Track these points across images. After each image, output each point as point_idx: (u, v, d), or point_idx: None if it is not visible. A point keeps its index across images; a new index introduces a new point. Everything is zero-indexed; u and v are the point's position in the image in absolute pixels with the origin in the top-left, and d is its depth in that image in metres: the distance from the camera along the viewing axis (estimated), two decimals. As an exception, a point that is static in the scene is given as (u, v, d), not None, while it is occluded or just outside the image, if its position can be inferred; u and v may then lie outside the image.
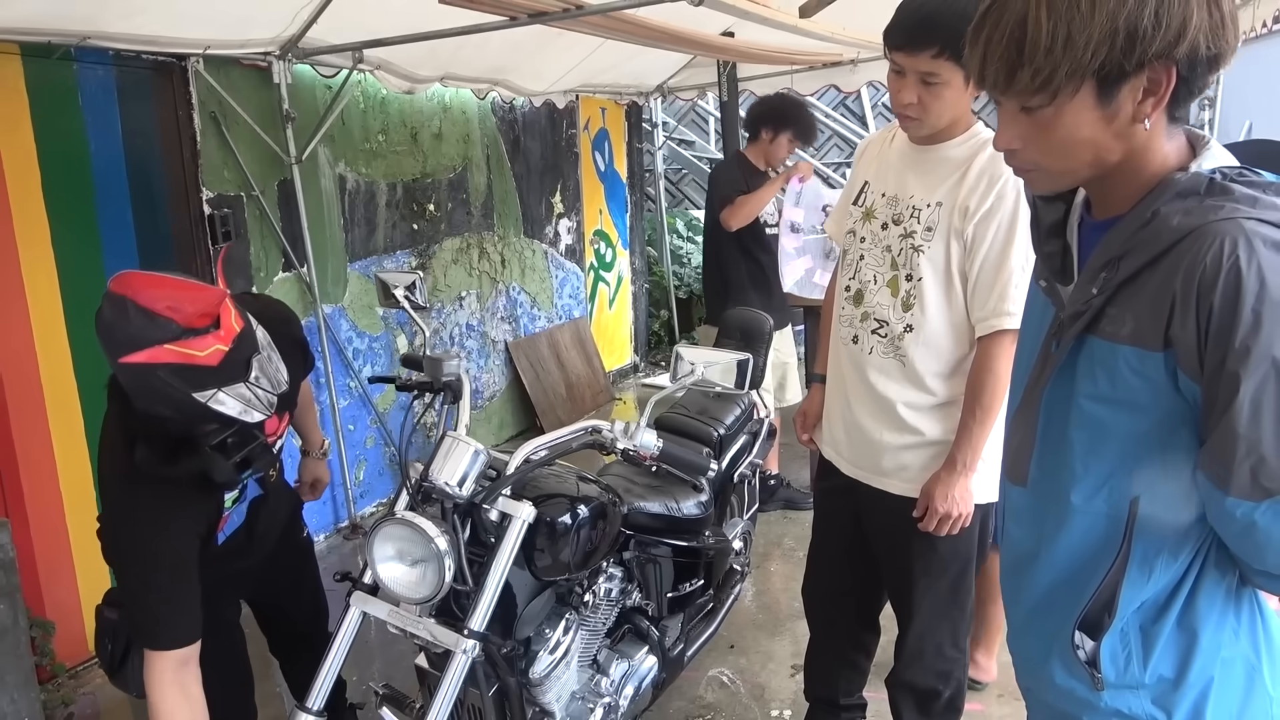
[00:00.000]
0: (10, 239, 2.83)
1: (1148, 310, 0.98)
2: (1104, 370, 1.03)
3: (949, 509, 1.84)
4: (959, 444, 1.84)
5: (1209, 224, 0.94)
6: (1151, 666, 1.08)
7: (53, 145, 2.93)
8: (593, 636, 2.16)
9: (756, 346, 2.82)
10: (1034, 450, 1.14)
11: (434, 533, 1.60)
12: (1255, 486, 0.92)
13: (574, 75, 5.11)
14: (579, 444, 1.81)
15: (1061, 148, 1.01)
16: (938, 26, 1.63)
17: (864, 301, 1.95)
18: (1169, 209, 0.98)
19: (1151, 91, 0.95)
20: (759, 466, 2.92)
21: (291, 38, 3.52)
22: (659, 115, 6.99)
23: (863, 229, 1.97)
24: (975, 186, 1.78)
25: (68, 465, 3.01)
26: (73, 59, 2.96)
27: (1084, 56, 0.93)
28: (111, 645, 1.78)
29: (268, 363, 1.52)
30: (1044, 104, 0.98)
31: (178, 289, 1.40)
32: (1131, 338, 0.99)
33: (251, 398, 1.47)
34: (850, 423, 2.03)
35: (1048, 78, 0.95)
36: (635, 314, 6.74)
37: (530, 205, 5.44)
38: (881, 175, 1.96)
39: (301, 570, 2.18)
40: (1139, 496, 1.04)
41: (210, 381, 1.41)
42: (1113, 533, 1.07)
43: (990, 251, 1.77)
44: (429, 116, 4.57)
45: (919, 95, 1.73)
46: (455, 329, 4.87)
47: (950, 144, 1.83)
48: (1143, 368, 0.99)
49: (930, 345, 1.87)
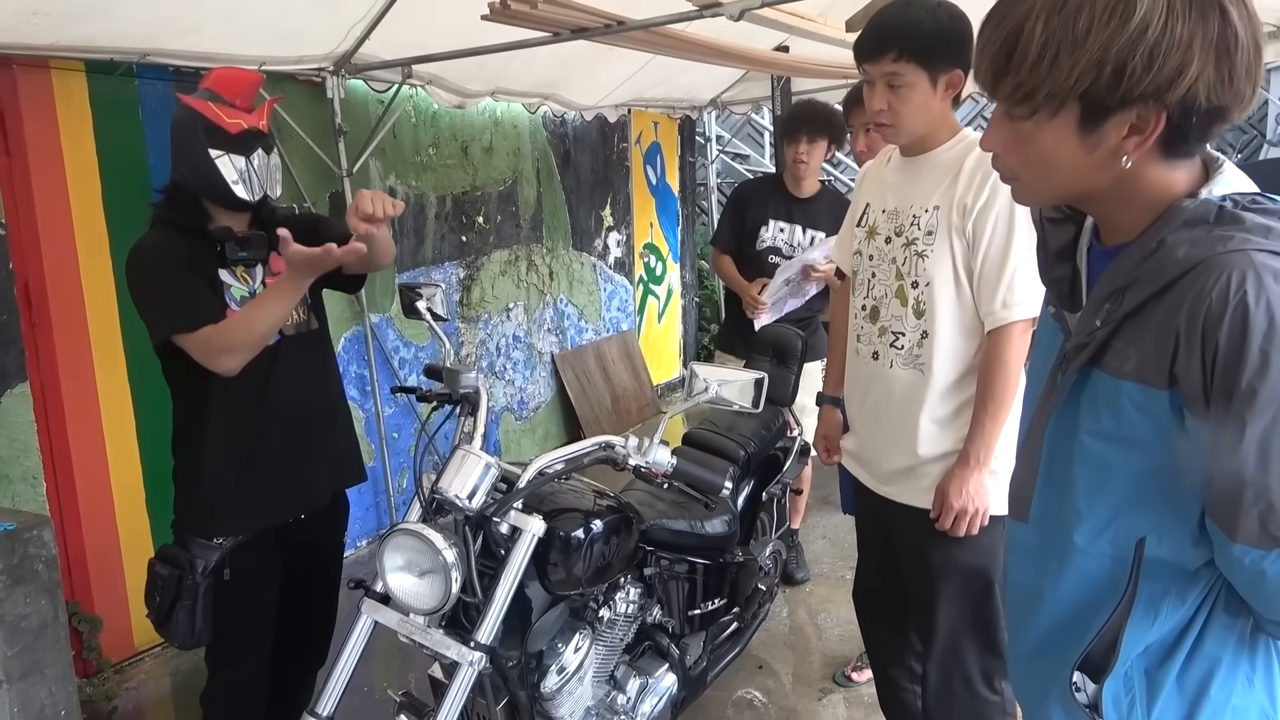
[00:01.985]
0: (71, 249, 2.95)
1: (1152, 345, 0.93)
2: (1107, 406, 0.99)
3: (964, 504, 1.83)
4: (971, 438, 1.84)
5: (1216, 256, 0.89)
6: (1156, 713, 1.03)
7: (113, 158, 3.06)
8: (610, 652, 2.16)
9: (789, 363, 2.80)
10: (1036, 485, 1.10)
11: (441, 544, 1.62)
12: (1264, 535, 0.88)
13: (625, 89, 5.15)
14: (591, 459, 1.81)
15: (1038, 164, 0.99)
16: (895, 30, 1.76)
17: (880, 317, 1.97)
18: (1175, 238, 0.93)
19: (1138, 130, 0.91)
20: (789, 485, 2.89)
21: (345, 54, 3.61)
22: (713, 129, 6.99)
23: (868, 247, 2.00)
24: (970, 183, 1.81)
25: (119, 469, 3.11)
26: (134, 75, 3.08)
27: (1068, 80, 0.90)
28: (160, 597, 1.94)
29: (268, 164, 1.94)
30: (1024, 116, 0.96)
31: (238, 76, 1.90)
32: (1135, 374, 0.95)
33: (248, 175, 1.89)
34: (876, 440, 2.02)
35: (1029, 92, 0.93)
36: (685, 328, 6.74)
37: (580, 218, 5.48)
38: (880, 193, 2.01)
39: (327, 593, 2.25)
40: (1145, 538, 1.00)
41: (224, 143, 1.85)
42: (1118, 574, 1.02)
43: (993, 244, 1.79)
44: (480, 130, 4.64)
45: (888, 101, 1.80)
46: (502, 340, 4.92)
47: (939, 150, 1.88)
48: (1147, 405, 0.95)
49: (947, 349, 1.88)
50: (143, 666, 3.17)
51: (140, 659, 3.20)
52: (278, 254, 1.96)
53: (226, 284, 1.96)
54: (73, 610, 2.96)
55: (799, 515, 3.66)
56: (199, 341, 1.85)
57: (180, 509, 2.04)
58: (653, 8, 3.04)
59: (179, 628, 1.92)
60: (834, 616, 3.34)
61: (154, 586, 1.95)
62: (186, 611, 1.90)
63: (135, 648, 3.20)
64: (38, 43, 2.67)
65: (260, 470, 1.99)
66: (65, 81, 2.91)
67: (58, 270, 2.91)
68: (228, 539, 1.96)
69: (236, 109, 1.88)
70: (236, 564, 1.97)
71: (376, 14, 3.35)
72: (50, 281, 2.90)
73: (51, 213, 2.89)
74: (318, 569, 2.19)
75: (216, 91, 1.89)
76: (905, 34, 1.76)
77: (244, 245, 1.96)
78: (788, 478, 2.83)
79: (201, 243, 1.94)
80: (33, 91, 2.84)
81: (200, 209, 1.94)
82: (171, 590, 1.91)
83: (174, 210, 1.94)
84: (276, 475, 2.00)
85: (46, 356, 2.91)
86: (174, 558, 1.94)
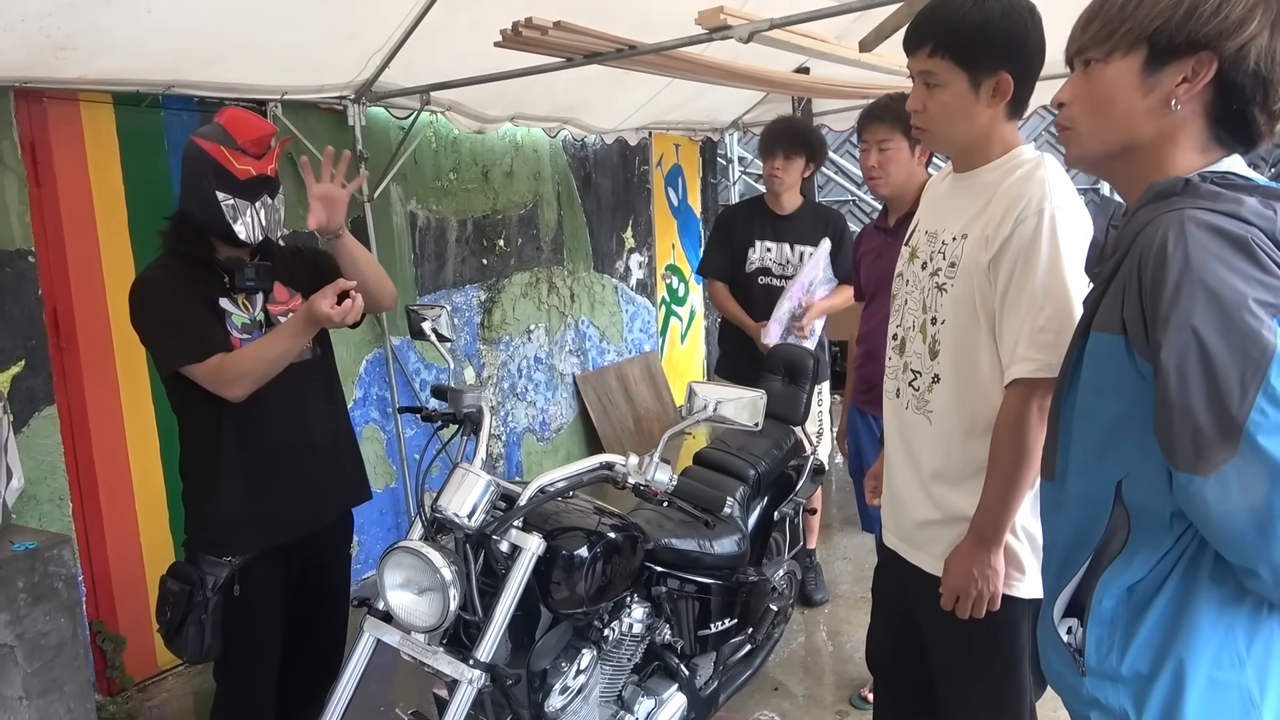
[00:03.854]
0: (99, 275, 3.03)
1: (1110, 298, 1.05)
2: (1093, 359, 1.09)
3: (965, 585, 1.61)
4: (979, 512, 1.61)
5: (1160, 216, 1.00)
6: (1129, 659, 1.06)
7: (139, 187, 3.14)
8: (617, 672, 2.15)
9: (801, 382, 2.79)
10: (1058, 443, 1.18)
11: (439, 562, 1.64)
12: (1199, 459, 0.94)
13: (645, 112, 5.19)
14: (591, 478, 1.82)
15: (1098, 104, 1.09)
16: (933, 21, 1.58)
17: (905, 351, 1.77)
18: (1144, 210, 1.04)
19: (1191, 79, 1.03)
20: (802, 505, 2.87)
21: (365, 82, 3.69)
22: (734, 150, 7.01)
23: (908, 270, 1.80)
24: (995, 213, 1.59)
25: (143, 490, 3.18)
26: (159, 106, 3.17)
27: (1146, 18, 1.03)
28: (170, 613, 1.99)
29: (273, 210, 2.02)
30: (1099, 57, 1.08)
31: (252, 125, 1.97)
32: (1102, 324, 1.06)
33: (251, 220, 1.96)
34: (889, 487, 1.87)
35: (1111, 31, 1.06)
36: (708, 348, 6.74)
37: (601, 240, 5.52)
38: (929, 211, 1.82)
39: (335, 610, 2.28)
40: (1122, 480, 1.07)
41: (232, 189, 1.93)
42: (1098, 516, 1.09)
43: (1010, 285, 1.55)
44: (500, 155, 4.70)
45: (923, 100, 1.62)
46: (523, 361, 4.96)
47: (984, 169, 1.66)
48: (1112, 351, 1.04)
49: (959, 399, 1.66)
50: (165, 685, 3.22)
51: (163, 678, 3.24)
52: (281, 284, 2.06)
53: (228, 311, 2.02)
54: (97, 629, 3.01)
55: (814, 535, 3.62)
56: (209, 369, 1.91)
57: (191, 529, 2.09)
58: (665, 32, 3.08)
59: (188, 642, 1.97)
60: (852, 638, 3.30)
61: (165, 602, 2.00)
62: (196, 627, 1.95)
63: (158, 666, 3.25)
64: (66, 76, 2.76)
65: (267, 493, 2.04)
66: (93, 113, 3.01)
67: (85, 296, 2.99)
68: (237, 557, 2.00)
69: (247, 155, 1.95)
70: (245, 581, 2.01)
71: (396, 42, 3.42)
72: (78, 307, 2.97)
73: (79, 240, 2.98)
74: (325, 586, 2.22)
75: (230, 134, 1.95)
76: (943, 27, 1.56)
77: (252, 275, 2.02)
78: (801, 497, 2.81)
79: (205, 270, 2.00)
80: (62, 123, 2.93)
81: (206, 240, 2.01)
82: (182, 606, 1.96)
83: (180, 239, 2.02)
84: (283, 498, 2.05)
85: (74, 380, 2.98)
86: (184, 574, 1.99)
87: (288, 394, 2.03)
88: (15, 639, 2.13)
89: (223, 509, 2.01)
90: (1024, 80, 1.58)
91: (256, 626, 2.05)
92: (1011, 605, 1.65)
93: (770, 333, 3.35)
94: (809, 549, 3.57)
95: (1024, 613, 1.67)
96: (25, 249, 2.82)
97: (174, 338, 1.94)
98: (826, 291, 3.43)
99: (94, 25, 2.54)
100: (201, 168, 1.94)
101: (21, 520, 2.67)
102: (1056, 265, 1.52)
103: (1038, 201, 1.54)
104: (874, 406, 2.30)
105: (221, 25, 2.83)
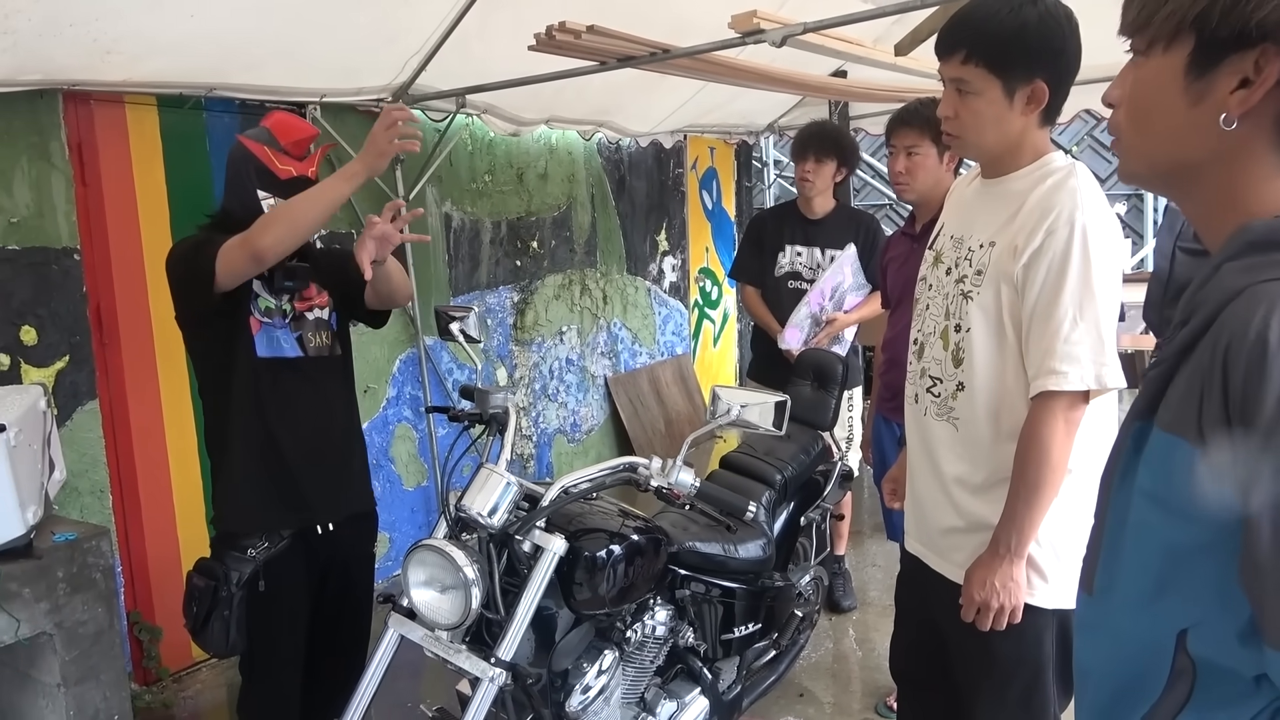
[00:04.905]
0: (141, 273, 3.10)
1: (1185, 390, 0.77)
2: (1157, 465, 0.81)
3: (986, 598, 1.60)
4: (1002, 524, 1.60)
5: (1255, 285, 0.72)
6: None
7: (181, 187, 3.21)
8: (640, 674, 2.16)
9: (830, 387, 2.78)
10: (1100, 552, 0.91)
11: (462, 561, 1.66)
12: None
13: (680, 115, 5.20)
14: (615, 479, 1.83)
15: (1139, 113, 0.85)
16: (966, 27, 1.54)
17: (924, 356, 1.77)
18: (1233, 264, 0.77)
19: (1249, 83, 0.75)
20: (830, 511, 2.85)
21: (402, 85, 3.73)
22: (770, 154, 6.99)
23: (931, 274, 1.79)
24: (1025, 222, 1.56)
25: (180, 484, 3.24)
26: (202, 108, 3.24)
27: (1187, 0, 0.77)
28: (196, 608, 2.03)
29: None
30: (1141, 49, 0.84)
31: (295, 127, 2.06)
32: (1172, 424, 0.78)
33: None
34: (912, 492, 1.85)
35: (1150, 15, 0.80)
36: (741, 351, 6.72)
37: (634, 243, 5.53)
38: (955, 215, 1.80)
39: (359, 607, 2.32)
40: (1188, 630, 0.79)
41: (273, 187, 2.01)
42: (1154, 664, 0.83)
43: (1040, 297, 1.54)
44: (535, 157, 4.74)
45: (955, 108, 1.59)
46: (555, 363, 4.99)
47: (1014, 176, 1.63)
48: (1187, 463, 0.76)
49: (983, 408, 1.64)
50: (199, 676, 3.28)
51: (198, 669, 3.31)
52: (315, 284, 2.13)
53: (256, 293, 2.07)
54: (134, 620, 3.08)
55: (843, 541, 3.60)
56: (239, 238, 1.90)
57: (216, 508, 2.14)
58: (698, 35, 3.08)
59: (214, 637, 2.01)
60: (880, 646, 3.27)
61: (191, 597, 2.04)
62: (221, 622, 1.99)
63: (193, 658, 3.31)
64: (113, 79, 2.83)
65: (282, 472, 2.08)
66: (138, 114, 3.08)
67: (127, 293, 3.06)
68: (260, 551, 2.03)
69: (289, 157, 2.02)
70: (270, 577, 2.04)
71: (433, 46, 3.47)
72: (120, 304, 3.05)
73: (123, 239, 3.05)
74: (349, 583, 2.25)
75: (274, 135, 2.02)
76: (977, 33, 1.52)
77: (290, 275, 2.07)
78: (828, 503, 2.80)
79: None
80: (108, 124, 3.00)
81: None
82: (207, 601, 2.00)
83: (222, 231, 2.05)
84: (298, 480, 2.09)
85: (115, 375, 3.05)
86: (210, 570, 2.03)
87: (305, 384, 2.08)
88: (54, 627, 2.19)
89: (237, 484, 2.06)
90: (1059, 87, 1.56)
91: (281, 622, 2.09)
92: (1034, 615, 1.63)
93: (787, 338, 3.34)
94: (837, 555, 3.56)
95: (1047, 622, 1.66)
96: (71, 247, 2.89)
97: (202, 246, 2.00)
98: (857, 298, 3.41)
99: (139, 30, 2.61)
100: (245, 166, 2.02)
101: (63, 512, 2.74)
102: (1088, 277, 1.51)
103: (1069, 212, 1.53)
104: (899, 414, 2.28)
105: (263, 30, 2.89)
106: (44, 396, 2.40)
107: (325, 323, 2.19)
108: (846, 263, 3.33)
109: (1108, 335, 1.54)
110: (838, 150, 3.41)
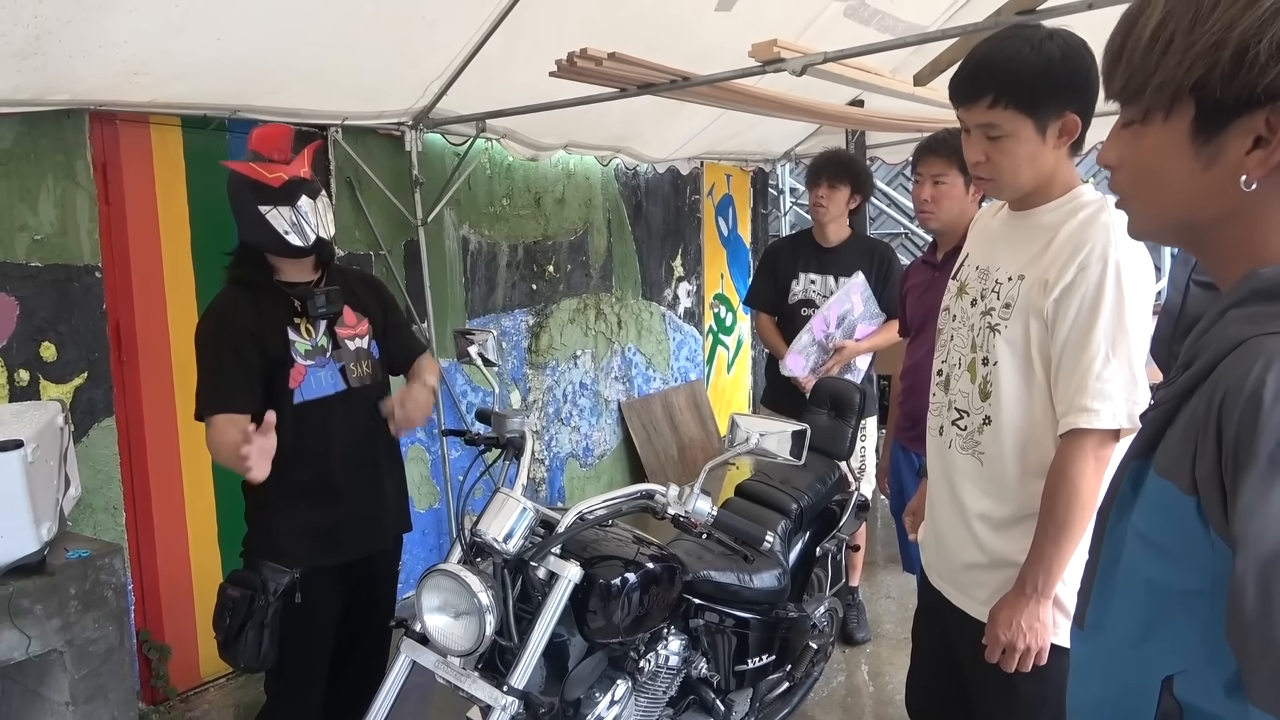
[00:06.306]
0: (160, 292, 3.12)
1: (1180, 437, 0.76)
2: (1151, 507, 0.80)
3: (1011, 639, 1.56)
4: (1029, 563, 1.56)
5: (1257, 337, 0.71)
6: None
7: (203, 208, 3.23)
8: (652, 704, 2.13)
9: (847, 416, 2.76)
10: (1094, 587, 0.91)
11: (477, 586, 1.64)
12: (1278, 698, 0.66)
13: (697, 142, 5.22)
14: (631, 506, 1.82)
15: (1146, 180, 0.83)
16: (990, 71, 1.51)
17: (950, 388, 1.74)
18: (1238, 312, 0.76)
19: (1265, 143, 0.73)
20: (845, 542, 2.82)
21: (423, 109, 3.76)
22: (786, 181, 7.01)
23: (955, 305, 1.77)
24: (1057, 257, 1.54)
25: (194, 504, 3.24)
26: (225, 130, 3.27)
27: (1180, 67, 0.74)
28: (230, 619, 2.02)
29: (316, 208, 2.03)
30: (1136, 118, 0.81)
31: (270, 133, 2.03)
32: (1167, 470, 0.77)
33: (298, 223, 2.00)
34: (934, 527, 1.82)
35: (1141, 85, 0.78)
36: (754, 378, 6.70)
37: (650, 268, 5.54)
38: (979, 246, 1.78)
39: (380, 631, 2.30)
40: (1174, 677, 0.78)
41: (270, 198, 1.98)
42: (1143, 709, 0.81)
43: (1071, 333, 1.51)
44: (553, 182, 4.76)
45: (985, 152, 1.56)
46: (569, 387, 4.98)
47: (1044, 209, 1.61)
48: (1178, 511, 0.76)
49: (1009, 443, 1.62)
50: (207, 696, 3.26)
51: (205, 689, 3.29)
52: (350, 307, 2.14)
53: (292, 340, 2.07)
54: (144, 638, 3.07)
55: (857, 572, 3.57)
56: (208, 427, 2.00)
57: (253, 540, 2.13)
58: (719, 63, 3.10)
59: (246, 648, 1.98)
60: (894, 679, 3.23)
61: (224, 608, 2.02)
62: (255, 632, 1.97)
63: (201, 677, 3.29)
64: (138, 100, 2.86)
65: (327, 510, 2.08)
66: (162, 135, 3.11)
67: (147, 312, 3.08)
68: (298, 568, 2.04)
69: (275, 163, 2.03)
70: (306, 591, 2.04)
71: (454, 72, 3.50)
72: (140, 322, 3.06)
73: (144, 258, 3.07)
74: (374, 608, 2.24)
75: (257, 150, 2.04)
76: (1003, 75, 1.49)
77: (323, 302, 2.08)
78: (844, 533, 2.77)
79: (272, 296, 2.06)
80: (133, 144, 3.04)
81: (266, 263, 2.07)
82: (242, 611, 1.98)
83: (243, 267, 2.09)
84: (343, 515, 2.09)
85: (132, 393, 3.06)
86: (246, 580, 2.02)
87: (348, 416, 2.09)
88: (65, 645, 2.18)
89: (287, 520, 2.05)
90: (1088, 117, 1.55)
91: (313, 637, 2.08)
92: (1059, 655, 1.59)
93: (789, 364, 3.32)
94: (852, 586, 3.52)
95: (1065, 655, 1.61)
96: (93, 265, 2.92)
97: (202, 384, 2.04)
98: (869, 327, 3.40)
99: (166, 52, 2.64)
100: (240, 189, 2.04)
101: (76, 528, 2.74)
102: (1121, 314, 1.50)
103: (1102, 248, 1.51)
104: (918, 443, 2.26)
105: (286, 53, 2.92)
106: (62, 413, 2.41)
107: (366, 352, 2.20)
108: (855, 291, 3.32)
109: (1139, 373, 1.52)
110: (851, 176, 3.42)
